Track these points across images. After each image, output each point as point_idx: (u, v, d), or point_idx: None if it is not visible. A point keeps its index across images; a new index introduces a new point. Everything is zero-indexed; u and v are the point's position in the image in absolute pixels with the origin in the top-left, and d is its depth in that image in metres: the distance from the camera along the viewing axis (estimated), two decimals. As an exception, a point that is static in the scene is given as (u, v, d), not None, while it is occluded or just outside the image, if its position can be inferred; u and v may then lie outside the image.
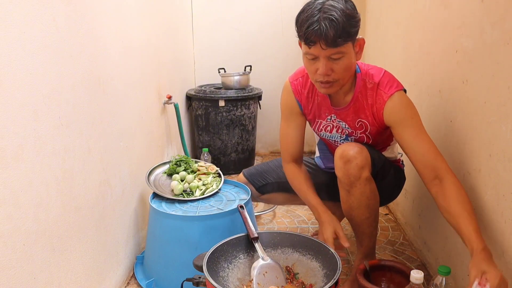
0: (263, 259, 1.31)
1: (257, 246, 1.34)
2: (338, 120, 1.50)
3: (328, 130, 1.54)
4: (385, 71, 1.42)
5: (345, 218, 2.03)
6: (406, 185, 1.73)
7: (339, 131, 1.52)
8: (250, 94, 2.89)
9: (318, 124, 1.56)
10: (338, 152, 1.40)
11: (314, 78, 1.35)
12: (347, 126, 1.49)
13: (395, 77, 1.43)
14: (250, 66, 3.04)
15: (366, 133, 1.47)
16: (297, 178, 1.59)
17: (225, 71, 3.08)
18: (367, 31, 2.75)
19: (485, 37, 1.22)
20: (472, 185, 1.32)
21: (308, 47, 1.27)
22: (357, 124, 1.46)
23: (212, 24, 3.22)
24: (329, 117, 1.51)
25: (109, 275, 1.53)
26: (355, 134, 1.49)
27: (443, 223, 1.57)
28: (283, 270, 1.32)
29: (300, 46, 1.35)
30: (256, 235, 1.36)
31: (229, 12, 3.20)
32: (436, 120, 1.61)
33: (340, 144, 1.52)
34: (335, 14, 1.21)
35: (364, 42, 1.34)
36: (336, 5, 1.23)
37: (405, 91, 1.42)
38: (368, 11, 2.72)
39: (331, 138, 1.56)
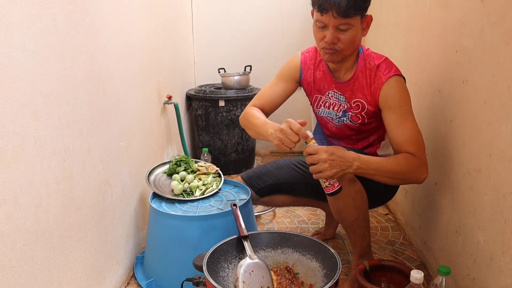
0: (250, 258, 1.31)
1: (246, 244, 1.34)
2: (338, 93, 1.54)
3: (326, 106, 1.59)
4: (387, 58, 1.49)
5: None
6: (406, 185, 1.73)
7: (335, 108, 1.56)
8: (250, 94, 2.89)
9: (318, 99, 1.60)
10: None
11: (320, 45, 1.43)
12: (345, 99, 1.53)
13: (396, 66, 1.48)
14: (250, 66, 3.04)
15: (362, 113, 1.51)
16: (252, 111, 1.59)
17: (225, 71, 3.08)
18: (367, 31, 2.75)
19: (485, 37, 1.23)
20: (472, 185, 1.33)
21: (321, 14, 1.35)
22: (354, 104, 1.51)
23: (212, 24, 3.22)
24: (327, 93, 1.57)
25: (109, 275, 1.53)
26: (352, 111, 1.53)
27: (443, 223, 1.58)
28: (269, 270, 1.32)
29: (312, 15, 1.44)
30: (246, 233, 1.36)
31: (229, 12, 3.20)
32: (436, 120, 1.61)
33: (334, 124, 1.59)
34: None
35: (371, 20, 1.43)
36: None
37: (404, 79, 1.47)
38: (368, 11, 2.72)
39: (328, 115, 1.60)
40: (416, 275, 1.16)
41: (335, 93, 1.55)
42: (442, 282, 1.17)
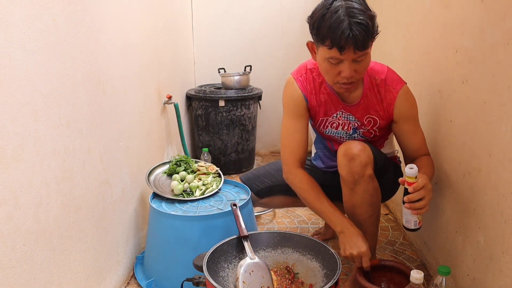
0: (250, 258, 1.31)
1: (246, 244, 1.34)
2: (347, 114, 1.50)
3: (334, 127, 1.55)
4: (387, 67, 1.47)
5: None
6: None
7: (345, 127, 1.53)
8: (250, 94, 2.89)
9: (324, 121, 1.55)
10: (341, 150, 1.40)
11: (335, 80, 1.34)
12: (355, 119, 1.50)
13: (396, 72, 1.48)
14: (250, 66, 3.04)
15: (375, 127, 1.50)
16: (313, 188, 1.48)
17: (225, 71, 3.08)
18: (367, 31, 2.75)
19: (485, 37, 1.22)
20: (472, 185, 1.33)
21: (340, 52, 1.25)
22: (366, 120, 1.49)
23: (212, 24, 3.22)
24: (335, 114, 1.52)
25: (109, 275, 1.53)
26: (363, 127, 1.51)
27: (443, 223, 1.58)
28: (269, 270, 1.32)
29: (309, 47, 1.39)
30: (246, 233, 1.36)
31: (229, 12, 3.20)
32: (436, 120, 1.61)
33: (344, 140, 1.55)
34: (362, 17, 1.23)
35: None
36: (356, 6, 1.25)
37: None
38: (368, 11, 2.72)
39: (336, 135, 1.56)
40: (416, 275, 1.16)
41: (344, 113, 1.50)
42: (442, 282, 1.17)
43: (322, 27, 1.26)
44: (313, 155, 1.82)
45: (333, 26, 1.23)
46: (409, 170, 1.24)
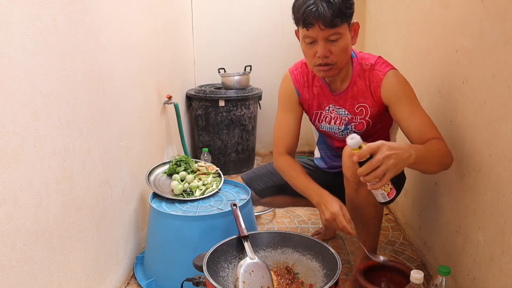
0: (250, 258, 1.31)
1: (246, 245, 1.34)
2: (337, 107, 1.51)
3: (327, 121, 1.56)
4: (380, 56, 1.46)
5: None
6: (406, 185, 1.73)
7: (337, 122, 1.53)
8: (250, 94, 2.89)
9: (318, 115, 1.57)
10: (347, 151, 1.40)
11: (313, 62, 1.38)
12: (346, 112, 1.50)
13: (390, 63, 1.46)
14: (250, 66, 3.04)
15: (366, 118, 1.48)
16: (295, 168, 1.53)
17: (225, 71, 3.08)
18: (367, 31, 2.75)
19: (485, 37, 1.22)
20: (472, 185, 1.33)
21: (307, 29, 1.30)
22: (357, 109, 1.48)
23: (212, 24, 3.22)
24: (327, 108, 1.53)
25: (109, 275, 1.53)
26: (355, 120, 1.49)
27: (443, 223, 1.58)
28: (269, 270, 1.32)
29: (297, 35, 1.40)
30: (246, 233, 1.36)
31: (229, 12, 3.20)
32: (436, 120, 1.60)
33: (339, 136, 1.55)
34: None
35: (359, 27, 1.38)
36: None
37: None
38: (368, 11, 2.72)
39: (330, 130, 1.57)
40: (416, 275, 1.16)
41: (335, 107, 1.51)
42: (442, 282, 1.17)
43: (295, 7, 1.33)
44: (316, 155, 1.82)
45: (301, 4, 1.29)
46: (350, 141, 1.13)
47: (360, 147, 1.13)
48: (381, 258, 1.38)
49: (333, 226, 1.37)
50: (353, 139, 1.13)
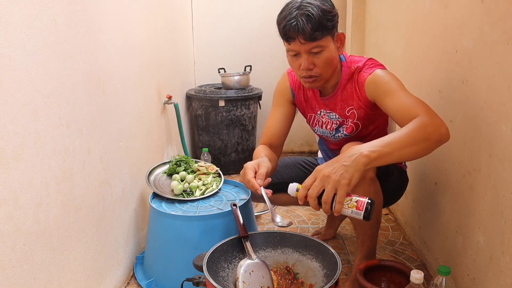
0: (250, 258, 1.31)
1: (246, 244, 1.34)
2: (328, 112, 1.52)
3: (320, 125, 1.58)
4: (371, 58, 1.45)
5: (346, 219, 2.04)
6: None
7: (328, 127, 1.54)
8: (250, 94, 2.90)
9: (312, 118, 1.59)
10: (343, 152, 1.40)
11: (298, 74, 1.40)
12: (337, 116, 1.50)
13: (381, 63, 1.43)
14: (250, 66, 3.04)
15: (354, 120, 1.48)
16: (256, 155, 1.47)
17: (225, 71, 3.08)
18: (367, 31, 2.75)
19: (485, 37, 1.22)
20: (472, 185, 1.33)
21: (288, 43, 1.32)
22: (348, 112, 1.48)
23: (212, 24, 3.22)
24: (319, 112, 1.55)
25: (109, 275, 1.53)
26: (346, 122, 1.49)
27: (443, 223, 1.58)
28: (269, 270, 1.32)
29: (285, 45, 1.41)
30: (246, 233, 1.36)
31: (229, 12, 3.20)
32: (436, 120, 1.61)
33: (332, 140, 1.57)
34: (311, 10, 1.27)
35: (344, 37, 1.39)
36: (313, 2, 1.29)
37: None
38: (368, 11, 2.72)
39: (323, 134, 1.59)
40: (416, 275, 1.16)
41: (326, 112, 1.53)
42: (442, 282, 1.17)
43: (277, 21, 1.34)
44: (319, 155, 1.83)
45: (283, 18, 1.31)
46: (289, 191, 1.17)
47: (297, 189, 1.13)
48: (286, 222, 1.29)
49: (244, 183, 1.32)
50: (289, 189, 1.16)
